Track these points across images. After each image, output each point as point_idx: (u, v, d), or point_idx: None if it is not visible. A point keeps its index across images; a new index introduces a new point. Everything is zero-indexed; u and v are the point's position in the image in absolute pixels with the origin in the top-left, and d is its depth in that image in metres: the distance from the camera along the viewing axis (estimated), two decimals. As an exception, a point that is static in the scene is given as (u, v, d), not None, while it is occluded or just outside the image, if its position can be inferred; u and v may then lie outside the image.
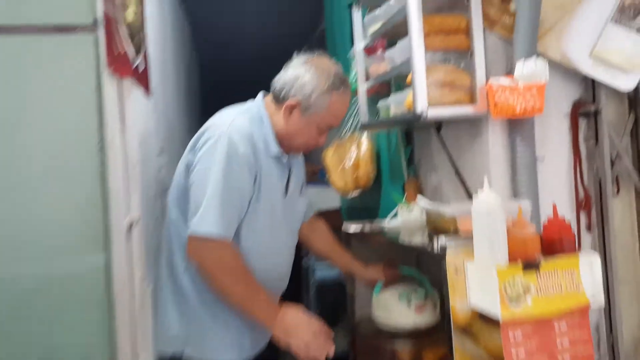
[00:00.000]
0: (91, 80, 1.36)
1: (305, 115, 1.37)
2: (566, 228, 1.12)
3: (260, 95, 1.47)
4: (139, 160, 1.53)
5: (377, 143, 2.26)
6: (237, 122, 1.34)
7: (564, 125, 1.52)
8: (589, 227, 1.52)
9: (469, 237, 1.22)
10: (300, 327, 1.27)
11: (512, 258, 1.06)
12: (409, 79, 1.47)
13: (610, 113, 1.49)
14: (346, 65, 2.45)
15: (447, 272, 1.15)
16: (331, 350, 1.28)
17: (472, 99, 1.46)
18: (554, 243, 1.10)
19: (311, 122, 1.38)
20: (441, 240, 1.16)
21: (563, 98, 1.51)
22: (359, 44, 1.93)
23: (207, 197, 1.26)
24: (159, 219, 1.81)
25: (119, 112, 1.38)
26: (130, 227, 1.40)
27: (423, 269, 1.77)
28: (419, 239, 1.58)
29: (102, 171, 1.36)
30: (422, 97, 1.40)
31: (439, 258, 1.21)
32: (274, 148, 1.39)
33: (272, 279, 1.43)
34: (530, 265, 1.04)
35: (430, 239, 1.22)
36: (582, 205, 1.51)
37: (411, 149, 2.05)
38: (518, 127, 1.43)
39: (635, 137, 1.51)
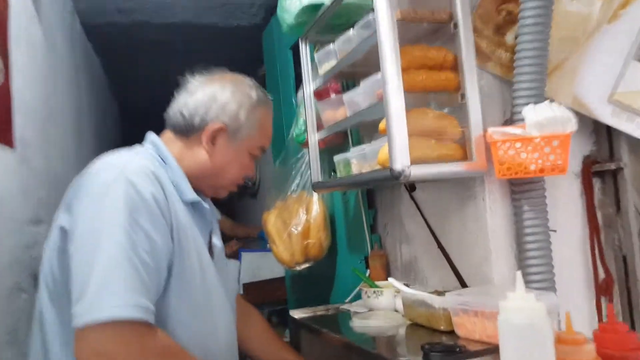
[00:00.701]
0: None
1: (235, 140, 1.10)
2: (633, 341, 0.76)
3: (150, 135, 1.11)
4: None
5: (331, 205, 1.87)
6: (133, 163, 0.97)
7: (574, 187, 1.21)
8: (613, 318, 1.18)
9: (480, 350, 0.84)
10: None
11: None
12: (382, 126, 1.11)
13: (629, 172, 1.19)
14: (291, 111, 2.10)
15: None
16: None
17: (465, 153, 1.11)
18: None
19: (242, 146, 1.11)
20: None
21: (571, 152, 1.20)
22: (309, 87, 1.58)
23: (100, 270, 0.82)
24: (23, 320, 1.24)
25: None
26: None
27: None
28: (393, 333, 1.18)
29: None
30: (402, 152, 1.04)
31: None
32: (189, 192, 1.05)
33: None
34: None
35: (427, 357, 0.81)
36: (602, 289, 1.18)
37: (374, 212, 1.68)
38: (524, 189, 1.10)
39: (658, 201, 1.22)
